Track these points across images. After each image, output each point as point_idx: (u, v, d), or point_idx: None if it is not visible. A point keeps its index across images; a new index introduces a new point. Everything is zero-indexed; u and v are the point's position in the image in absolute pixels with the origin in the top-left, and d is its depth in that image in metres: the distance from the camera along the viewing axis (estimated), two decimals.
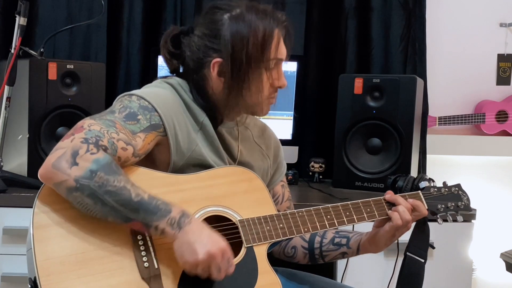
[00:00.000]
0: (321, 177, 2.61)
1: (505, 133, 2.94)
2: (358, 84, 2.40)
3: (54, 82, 2.13)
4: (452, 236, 2.11)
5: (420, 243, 1.56)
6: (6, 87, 2.03)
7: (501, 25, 2.93)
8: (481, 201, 2.55)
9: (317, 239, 1.58)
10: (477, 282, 2.92)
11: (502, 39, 2.94)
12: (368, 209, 1.49)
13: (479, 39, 2.92)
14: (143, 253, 1.25)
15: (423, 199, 1.55)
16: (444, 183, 1.61)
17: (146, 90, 1.42)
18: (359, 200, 1.50)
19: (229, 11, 1.42)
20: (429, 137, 2.74)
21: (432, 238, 1.60)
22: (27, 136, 2.10)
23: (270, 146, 1.63)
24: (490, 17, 2.92)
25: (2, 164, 2.07)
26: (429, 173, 2.62)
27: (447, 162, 2.89)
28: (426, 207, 1.53)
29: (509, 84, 2.96)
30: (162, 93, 1.42)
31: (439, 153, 2.84)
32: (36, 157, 2.12)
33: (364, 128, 2.41)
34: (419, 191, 1.56)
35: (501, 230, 2.90)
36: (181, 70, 1.51)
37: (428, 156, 2.73)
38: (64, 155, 1.21)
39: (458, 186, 1.62)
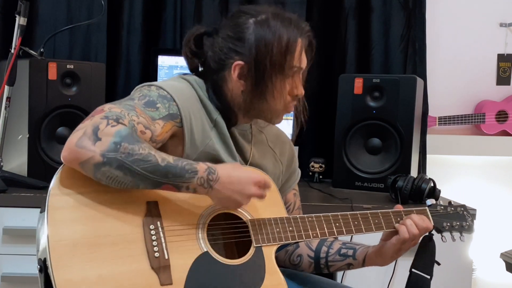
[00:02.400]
0: (321, 177, 2.61)
1: (505, 133, 2.94)
2: (358, 84, 2.40)
3: (54, 82, 2.13)
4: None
5: (426, 260, 1.56)
6: (6, 87, 2.03)
7: (501, 25, 2.93)
8: (481, 201, 2.56)
9: (324, 249, 1.59)
10: (477, 282, 2.92)
11: (502, 39, 2.94)
12: (376, 221, 1.51)
13: (479, 39, 2.93)
14: (154, 243, 1.26)
15: (429, 215, 1.56)
16: (450, 202, 1.63)
17: (164, 82, 1.43)
18: (367, 211, 1.52)
19: (255, 16, 1.43)
20: (429, 137, 2.74)
21: None
22: (27, 136, 2.10)
23: (284, 152, 1.64)
24: (490, 17, 2.92)
25: (2, 164, 2.08)
26: (429, 173, 2.63)
27: (447, 162, 2.89)
28: (432, 224, 1.54)
29: (509, 84, 2.96)
30: (179, 86, 1.43)
31: (439, 153, 2.84)
32: (36, 157, 2.12)
33: (364, 128, 2.41)
34: (426, 208, 1.58)
35: (501, 230, 2.90)
36: (200, 70, 1.52)
37: (428, 156, 2.74)
38: (86, 133, 1.21)
39: (463, 206, 1.64)
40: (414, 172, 2.40)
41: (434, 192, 2.20)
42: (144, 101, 1.35)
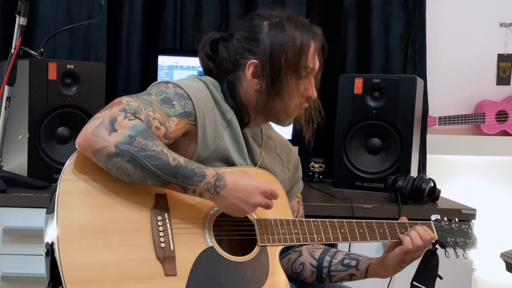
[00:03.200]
0: (321, 177, 2.61)
1: (505, 133, 2.94)
2: (358, 84, 2.40)
3: (54, 82, 2.13)
4: None
5: (428, 273, 1.56)
6: (6, 87, 2.03)
7: (501, 25, 2.93)
8: (481, 201, 2.56)
9: (327, 258, 1.59)
10: (477, 282, 2.92)
11: (502, 39, 2.94)
12: (381, 230, 1.51)
13: (479, 39, 2.93)
14: (161, 233, 1.27)
15: (434, 229, 1.57)
16: (454, 219, 1.64)
17: (181, 81, 1.45)
18: (372, 221, 1.52)
19: (269, 18, 1.48)
20: (429, 137, 2.74)
21: None
22: (27, 136, 2.10)
23: (290, 160, 1.67)
24: (490, 17, 2.92)
25: (2, 164, 2.07)
26: (429, 173, 2.63)
27: (447, 162, 2.89)
28: (436, 237, 1.55)
29: (509, 84, 2.96)
30: (195, 85, 1.45)
31: (439, 153, 2.84)
32: (36, 157, 2.12)
33: (364, 128, 2.41)
34: (431, 222, 1.59)
35: (501, 230, 2.90)
36: (214, 72, 1.55)
37: (428, 156, 2.74)
38: (103, 123, 1.23)
39: (468, 224, 1.65)
40: (414, 172, 2.40)
41: (434, 192, 2.20)
42: (161, 97, 1.37)
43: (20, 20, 2.03)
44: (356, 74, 2.59)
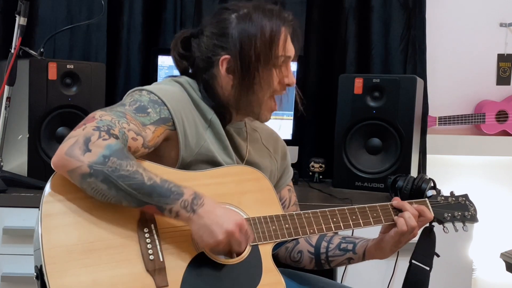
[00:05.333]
0: (321, 177, 2.61)
1: (505, 133, 2.94)
2: (358, 84, 2.40)
3: (54, 82, 2.13)
4: (452, 236, 2.10)
5: (426, 251, 1.55)
6: (6, 87, 2.03)
7: (501, 25, 2.93)
8: (481, 201, 2.55)
9: (324, 244, 1.59)
10: (477, 282, 2.92)
11: (502, 39, 2.94)
12: (375, 214, 1.50)
13: (479, 39, 2.92)
14: (149, 245, 1.26)
15: (429, 207, 1.55)
16: (452, 192, 1.62)
17: (156, 86, 1.44)
18: (365, 205, 1.51)
19: (237, 11, 1.46)
20: (429, 137, 2.73)
21: None
22: (27, 136, 2.10)
23: (277, 150, 1.65)
24: (490, 17, 2.92)
25: (2, 164, 2.08)
26: (429, 173, 2.62)
27: (447, 162, 2.89)
28: (433, 215, 1.53)
29: (509, 84, 2.96)
30: (171, 89, 1.44)
31: (439, 153, 2.84)
32: (36, 157, 2.12)
33: (364, 128, 2.41)
34: (426, 199, 1.57)
35: (501, 230, 2.90)
36: (190, 71, 1.54)
37: (428, 156, 2.73)
38: (77, 143, 1.23)
39: (465, 196, 1.63)
40: (414, 172, 2.40)
41: None
42: (135, 107, 1.36)
43: (20, 20, 2.03)
44: (356, 74, 2.59)
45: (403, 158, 2.35)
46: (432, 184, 2.19)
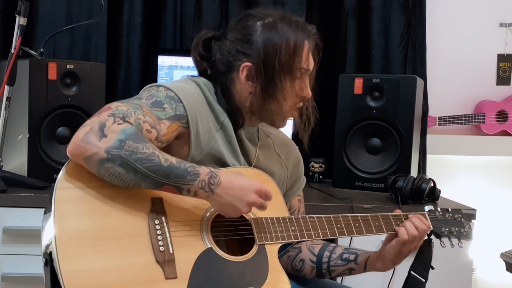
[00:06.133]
0: (321, 177, 2.61)
1: (505, 133, 2.94)
2: (358, 84, 2.40)
3: (54, 82, 2.13)
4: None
5: (423, 263, 1.57)
6: (6, 87, 2.03)
7: (501, 25, 2.93)
8: (481, 201, 2.56)
9: (326, 253, 1.60)
10: (477, 282, 2.92)
11: (502, 39, 2.94)
12: (377, 223, 1.52)
13: (479, 39, 2.93)
14: (159, 237, 1.27)
15: (428, 220, 1.57)
16: (448, 209, 1.64)
17: (173, 84, 1.45)
18: (368, 214, 1.53)
19: (262, 19, 1.46)
20: (429, 137, 2.74)
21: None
22: (27, 136, 2.10)
23: (290, 158, 1.65)
24: (490, 17, 2.92)
25: (2, 164, 2.08)
26: (429, 173, 2.62)
27: (447, 162, 2.89)
28: (431, 228, 1.56)
29: (509, 84, 2.96)
30: (188, 88, 1.45)
31: (439, 153, 2.84)
32: (36, 157, 2.12)
33: (364, 128, 2.41)
34: (425, 213, 1.59)
35: (501, 230, 2.90)
36: (208, 73, 1.54)
37: (428, 156, 2.73)
38: (92, 129, 1.23)
39: (461, 213, 1.65)
40: (414, 172, 2.40)
41: (434, 192, 2.20)
42: (151, 101, 1.37)
43: (20, 20, 2.03)
44: (356, 74, 2.59)
45: (403, 158, 2.35)
46: (432, 184, 2.20)
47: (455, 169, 2.90)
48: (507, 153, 2.92)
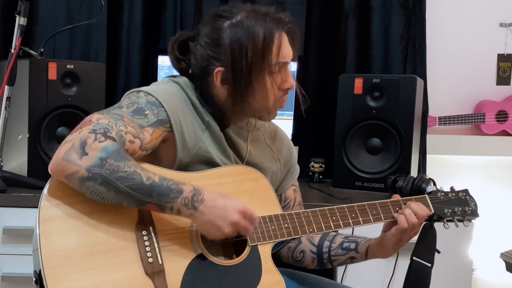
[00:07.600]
0: (321, 177, 2.61)
1: (505, 133, 2.94)
2: (358, 84, 2.40)
3: (54, 82, 2.13)
4: (452, 236, 2.10)
5: (427, 248, 1.55)
6: (6, 87, 2.03)
7: (501, 25, 2.93)
8: (481, 201, 2.55)
9: (326, 243, 1.58)
10: (477, 282, 2.92)
11: (502, 39, 2.94)
12: (374, 212, 1.49)
13: (479, 39, 2.92)
14: (147, 248, 1.26)
15: (429, 203, 1.55)
16: (452, 188, 1.61)
17: (154, 87, 1.43)
18: (365, 203, 1.50)
19: (230, 18, 1.42)
20: (429, 137, 2.74)
21: None
22: (27, 136, 2.10)
23: (281, 149, 1.63)
24: (490, 17, 2.92)
25: (2, 164, 2.07)
26: (429, 173, 2.62)
27: (447, 162, 2.89)
28: (433, 211, 1.53)
29: (509, 84, 2.96)
30: (169, 90, 1.43)
31: (439, 153, 2.84)
32: (36, 157, 2.12)
33: (364, 128, 2.41)
34: (426, 195, 1.56)
35: (501, 230, 2.90)
36: (190, 72, 1.52)
37: (428, 156, 2.73)
38: (73, 147, 1.22)
39: (465, 191, 1.62)
40: (414, 172, 2.40)
41: None
42: (132, 109, 1.35)
43: (20, 20, 2.03)
44: (356, 74, 2.59)
45: (403, 158, 2.35)
46: (432, 184, 2.20)
47: (455, 169, 2.89)
48: (507, 153, 2.92)
